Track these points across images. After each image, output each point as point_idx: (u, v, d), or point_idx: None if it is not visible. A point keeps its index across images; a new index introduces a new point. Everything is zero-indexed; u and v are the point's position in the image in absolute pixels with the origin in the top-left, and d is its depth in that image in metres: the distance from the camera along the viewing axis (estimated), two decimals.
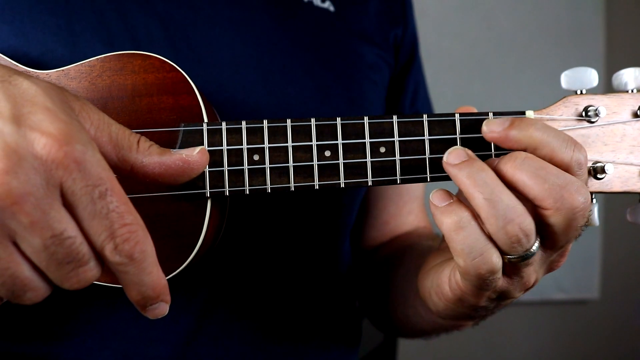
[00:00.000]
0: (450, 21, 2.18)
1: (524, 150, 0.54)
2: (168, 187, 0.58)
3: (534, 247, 0.53)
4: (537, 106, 0.62)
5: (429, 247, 0.79)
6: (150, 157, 0.50)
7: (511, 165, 0.52)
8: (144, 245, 0.44)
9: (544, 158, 0.53)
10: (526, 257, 0.53)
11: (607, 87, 0.62)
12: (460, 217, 0.52)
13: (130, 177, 0.50)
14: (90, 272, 0.43)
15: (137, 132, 0.58)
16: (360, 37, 0.85)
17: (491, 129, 0.56)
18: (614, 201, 2.04)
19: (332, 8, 0.83)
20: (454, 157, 0.55)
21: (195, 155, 0.52)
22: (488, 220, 0.51)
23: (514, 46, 2.21)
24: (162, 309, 0.47)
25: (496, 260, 0.52)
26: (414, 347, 1.57)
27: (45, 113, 0.43)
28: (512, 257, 0.53)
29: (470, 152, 0.55)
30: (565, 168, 0.53)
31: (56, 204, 0.41)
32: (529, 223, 0.51)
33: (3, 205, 0.39)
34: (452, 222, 0.52)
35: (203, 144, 0.58)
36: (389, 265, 0.86)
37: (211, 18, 0.75)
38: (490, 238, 0.52)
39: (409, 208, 0.94)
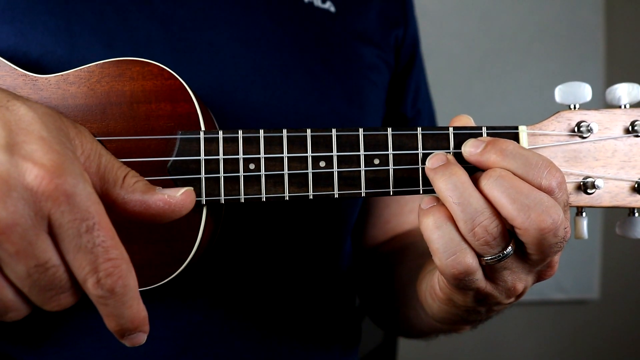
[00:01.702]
0: (450, 21, 2.18)
1: None
2: None
3: (507, 250, 0.54)
4: (536, 106, 0.63)
5: None
6: (133, 194, 0.48)
7: (485, 183, 0.54)
8: (127, 280, 0.44)
9: (519, 177, 0.54)
10: (500, 259, 0.54)
11: (607, 87, 0.63)
12: (437, 217, 0.54)
13: (110, 211, 0.48)
14: (71, 297, 0.45)
15: (135, 138, 0.59)
16: (360, 38, 0.85)
17: (468, 151, 0.57)
18: None
19: (332, 9, 0.83)
20: (434, 161, 0.57)
21: (178, 197, 0.50)
22: (459, 223, 0.53)
23: (513, 46, 2.21)
24: (140, 338, 0.47)
25: (470, 261, 0.54)
26: (414, 347, 1.57)
27: (40, 143, 0.43)
28: (487, 259, 0.54)
29: (450, 157, 0.57)
30: (539, 189, 0.53)
31: (42, 235, 0.42)
32: (495, 226, 0.53)
33: None
34: (429, 222, 0.54)
35: (200, 153, 0.58)
36: (389, 264, 0.87)
37: (211, 19, 0.74)
38: (465, 240, 0.54)
39: (410, 207, 0.94)
